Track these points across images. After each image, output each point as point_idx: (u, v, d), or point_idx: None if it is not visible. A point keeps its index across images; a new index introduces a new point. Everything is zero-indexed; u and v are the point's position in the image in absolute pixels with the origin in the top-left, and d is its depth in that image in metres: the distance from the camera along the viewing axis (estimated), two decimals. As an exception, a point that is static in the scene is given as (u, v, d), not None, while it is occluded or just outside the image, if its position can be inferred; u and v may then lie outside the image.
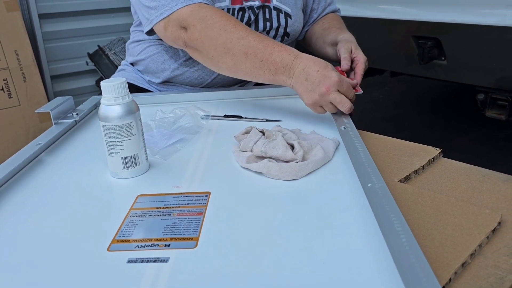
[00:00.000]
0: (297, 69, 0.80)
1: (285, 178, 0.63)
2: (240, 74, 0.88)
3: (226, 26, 0.84)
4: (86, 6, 2.45)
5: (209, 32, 0.85)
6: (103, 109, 0.63)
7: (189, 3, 0.87)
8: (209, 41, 0.85)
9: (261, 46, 0.82)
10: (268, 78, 0.84)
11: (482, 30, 1.45)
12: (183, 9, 0.87)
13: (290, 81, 0.81)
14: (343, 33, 1.05)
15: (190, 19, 0.86)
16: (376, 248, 0.47)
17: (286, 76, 0.81)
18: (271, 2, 1.06)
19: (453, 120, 2.52)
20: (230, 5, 0.99)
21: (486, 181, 0.65)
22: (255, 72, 0.84)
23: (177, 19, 0.88)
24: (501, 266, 0.48)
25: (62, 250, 0.51)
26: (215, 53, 0.86)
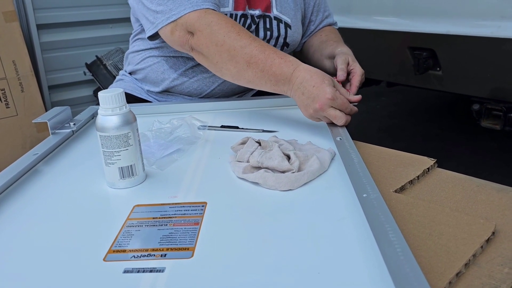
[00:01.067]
0: (295, 82, 0.81)
1: (281, 189, 0.63)
2: (243, 82, 0.89)
3: (230, 33, 0.86)
4: (84, 16, 2.47)
5: (214, 38, 0.86)
6: (100, 120, 0.64)
7: (196, 8, 0.88)
8: (214, 47, 0.87)
9: (262, 57, 0.84)
10: (270, 88, 0.86)
11: (477, 41, 1.47)
12: (190, 14, 0.88)
13: (290, 92, 0.83)
14: (340, 47, 1.07)
15: (197, 24, 0.88)
16: (371, 258, 0.47)
17: (287, 88, 0.83)
18: (272, 12, 1.07)
19: (448, 130, 2.53)
20: (233, 10, 1.01)
21: (481, 191, 0.65)
22: (257, 81, 0.86)
23: (185, 24, 0.89)
24: (495, 276, 0.48)
25: (58, 260, 0.51)
26: (220, 59, 0.87)
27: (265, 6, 1.05)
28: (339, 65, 0.98)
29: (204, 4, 0.89)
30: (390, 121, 2.78)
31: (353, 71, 0.98)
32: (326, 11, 1.22)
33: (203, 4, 0.89)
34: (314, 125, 0.89)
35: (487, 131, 1.71)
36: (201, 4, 0.89)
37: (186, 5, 0.89)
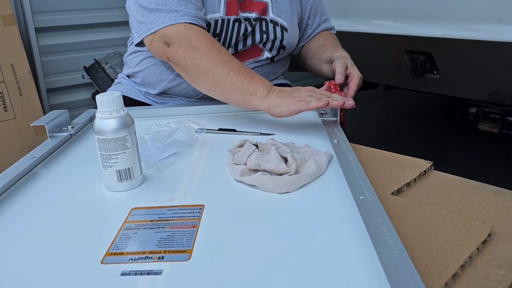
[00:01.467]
0: (274, 91, 0.87)
1: (279, 191, 0.63)
2: (217, 93, 0.91)
3: (211, 50, 0.89)
4: (83, 20, 2.47)
5: (192, 53, 0.90)
6: (98, 123, 0.64)
7: (174, 22, 0.91)
8: (192, 60, 0.90)
9: (243, 72, 0.88)
10: (244, 99, 0.87)
11: (474, 45, 1.48)
12: (168, 28, 0.91)
13: (268, 101, 0.85)
14: (339, 51, 1.08)
15: (175, 39, 0.90)
16: (367, 260, 0.47)
17: (264, 97, 0.86)
18: (268, 15, 1.08)
19: (446, 133, 2.54)
20: (225, 15, 1.01)
21: (477, 194, 0.66)
22: (232, 93, 0.88)
23: (162, 36, 0.92)
24: (492, 278, 0.48)
25: (56, 262, 0.51)
26: (196, 72, 0.91)
27: (261, 9, 1.06)
28: (338, 68, 0.99)
29: (182, 19, 0.91)
30: (388, 124, 2.78)
31: (351, 75, 0.99)
32: (323, 15, 1.23)
33: (181, 18, 0.91)
34: (312, 128, 0.89)
35: (485, 134, 1.71)
36: (179, 18, 0.91)
37: (165, 19, 0.91)
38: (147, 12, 0.94)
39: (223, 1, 1.01)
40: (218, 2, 1.01)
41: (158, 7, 0.92)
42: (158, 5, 0.92)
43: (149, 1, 0.93)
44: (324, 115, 0.93)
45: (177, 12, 0.91)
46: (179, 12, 0.91)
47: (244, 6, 1.05)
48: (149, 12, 0.94)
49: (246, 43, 1.06)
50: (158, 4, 0.92)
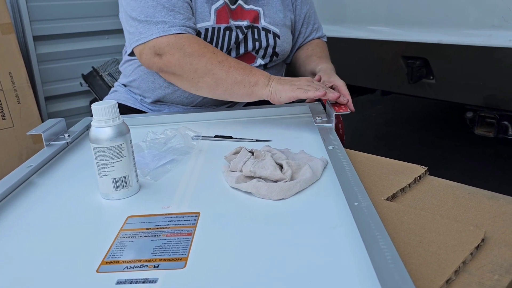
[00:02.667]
0: (274, 79, 0.91)
1: (274, 198, 0.64)
2: (219, 91, 0.94)
3: (205, 53, 0.92)
4: (80, 28, 2.48)
5: (188, 59, 0.92)
6: (94, 131, 0.64)
7: (164, 34, 0.92)
8: (189, 66, 0.92)
9: (241, 66, 0.92)
10: (247, 91, 0.92)
11: (469, 50, 1.49)
12: (159, 39, 0.93)
13: (269, 88, 0.89)
14: (322, 63, 1.09)
15: (167, 49, 0.92)
16: (361, 266, 0.47)
17: (265, 85, 0.90)
18: (260, 23, 1.09)
19: (443, 137, 2.55)
20: (215, 24, 1.02)
21: (472, 199, 0.66)
22: (235, 88, 0.92)
23: (153, 47, 0.94)
24: (486, 283, 0.48)
25: (51, 271, 0.51)
26: (195, 75, 0.93)
27: (253, 17, 1.07)
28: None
29: (171, 30, 0.93)
30: (386, 129, 2.79)
31: (335, 84, 0.98)
32: (316, 23, 1.24)
33: (170, 29, 0.93)
34: (307, 134, 0.90)
35: (482, 138, 1.72)
36: (167, 30, 0.93)
37: (154, 30, 0.93)
38: (136, 23, 0.95)
39: (213, 10, 1.02)
40: (208, 10, 1.02)
41: (147, 19, 0.94)
42: (147, 17, 0.94)
43: (138, 12, 0.95)
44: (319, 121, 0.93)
45: (166, 23, 0.93)
46: (167, 23, 0.93)
47: (236, 14, 1.06)
48: (138, 23, 0.95)
49: (239, 51, 1.07)
50: (146, 15, 0.94)
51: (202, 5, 1.01)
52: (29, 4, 2.29)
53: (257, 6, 1.09)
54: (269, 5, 1.11)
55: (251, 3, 1.09)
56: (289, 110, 1.04)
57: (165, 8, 0.93)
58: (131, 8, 0.96)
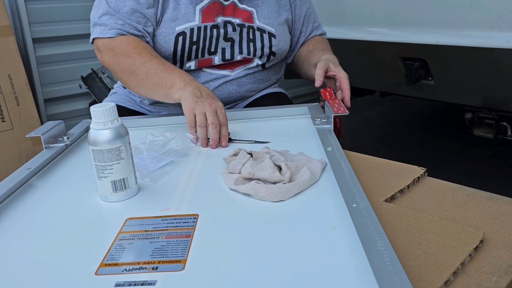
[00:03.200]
0: (191, 85, 0.92)
1: (273, 199, 0.64)
2: (143, 91, 1.01)
3: (131, 54, 0.97)
4: (80, 30, 2.48)
5: (116, 59, 0.99)
6: (93, 134, 0.64)
7: (101, 36, 1.00)
8: (117, 66, 1.00)
9: (162, 68, 0.95)
10: (164, 93, 0.94)
11: (467, 51, 1.49)
12: (98, 40, 1.02)
13: (181, 93, 0.90)
14: (325, 55, 1.09)
15: (102, 48, 1.02)
16: (360, 268, 0.47)
17: (179, 89, 0.92)
18: (255, 22, 1.09)
19: (442, 138, 2.55)
20: (201, 23, 1.03)
21: (471, 200, 0.66)
22: (154, 89, 0.96)
23: (95, 45, 1.04)
24: (484, 284, 0.48)
25: (50, 273, 0.51)
26: (123, 75, 1.00)
27: (246, 17, 1.07)
28: (316, 71, 1.02)
29: (108, 33, 1.00)
30: (385, 130, 2.79)
31: (338, 76, 1.00)
32: (316, 22, 1.24)
33: (106, 32, 1.00)
34: (306, 136, 0.90)
35: (482, 139, 1.72)
36: (105, 32, 1.00)
37: (96, 31, 1.02)
38: (91, 23, 1.04)
39: (198, 10, 1.03)
40: (193, 11, 1.03)
41: (95, 20, 1.02)
42: (94, 17, 1.02)
43: (94, 12, 1.03)
44: (318, 123, 0.93)
45: (105, 26, 1.00)
46: (107, 26, 1.00)
47: (228, 10, 1.07)
48: (91, 23, 1.04)
49: (234, 51, 1.07)
50: (94, 15, 1.03)
51: (186, 6, 1.03)
52: (28, 6, 2.29)
53: (251, 7, 1.09)
54: (264, 5, 1.11)
55: (245, 3, 1.09)
56: (288, 111, 1.04)
57: (109, 13, 1.00)
58: (93, 7, 1.04)
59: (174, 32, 1.01)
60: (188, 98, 0.89)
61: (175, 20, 1.02)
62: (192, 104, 0.87)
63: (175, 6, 1.02)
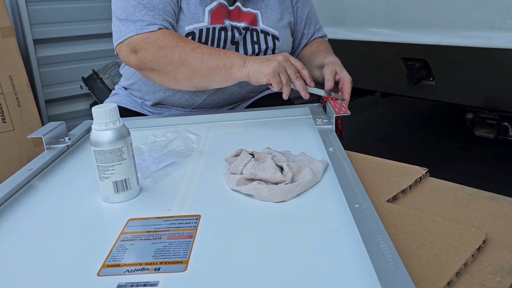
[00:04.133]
0: (250, 59, 0.91)
1: (275, 200, 0.64)
2: (198, 79, 0.95)
3: (178, 43, 0.93)
4: (81, 31, 2.48)
5: (162, 52, 0.93)
6: (94, 134, 0.64)
7: (140, 32, 0.95)
8: (164, 58, 0.93)
9: (215, 50, 0.94)
10: (224, 75, 0.92)
11: (468, 52, 1.49)
12: (134, 37, 0.95)
13: (246, 69, 0.89)
14: (329, 57, 1.09)
15: (142, 44, 0.94)
16: (362, 268, 0.47)
17: (242, 66, 0.91)
18: (258, 25, 1.09)
19: (443, 139, 2.54)
20: (209, 25, 1.03)
21: (473, 200, 0.66)
22: (212, 73, 0.92)
23: (129, 44, 0.96)
24: (487, 285, 0.48)
25: (52, 275, 0.51)
26: (172, 67, 0.94)
27: (250, 20, 1.07)
28: (326, 75, 1.02)
29: (148, 28, 0.95)
30: (386, 130, 2.79)
31: (342, 78, 1.01)
32: (317, 24, 1.24)
33: (147, 28, 0.95)
34: (307, 136, 0.90)
35: (483, 139, 1.72)
36: (145, 27, 0.95)
37: (132, 28, 0.95)
38: (118, 22, 0.98)
39: (207, 11, 1.03)
40: (202, 12, 1.03)
41: (127, 17, 0.96)
42: (127, 15, 0.96)
43: (121, 11, 0.97)
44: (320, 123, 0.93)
45: (144, 21, 0.95)
46: (145, 21, 0.95)
47: (233, 15, 1.07)
48: (119, 22, 0.98)
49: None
50: (127, 14, 0.96)
51: (195, 6, 1.02)
52: (29, 7, 2.29)
53: (255, 9, 1.09)
54: (267, 8, 1.11)
55: (249, 6, 1.09)
56: (289, 112, 1.04)
57: (145, 8, 0.96)
58: (116, 7, 0.99)
59: (183, 31, 1.01)
60: (263, 67, 0.88)
61: (185, 19, 1.02)
62: (271, 68, 0.87)
63: (186, 5, 1.02)
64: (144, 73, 1.00)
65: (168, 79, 0.97)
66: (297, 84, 0.89)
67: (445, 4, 1.53)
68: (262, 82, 0.89)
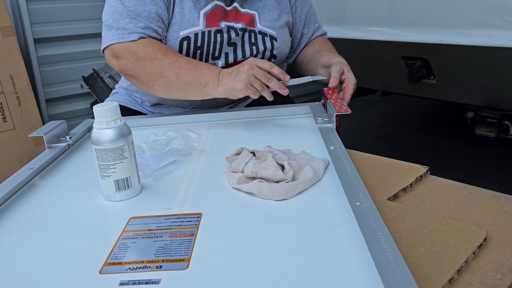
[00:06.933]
0: (223, 75, 0.92)
1: (276, 198, 0.64)
2: (174, 93, 0.97)
3: (157, 56, 0.94)
4: (81, 30, 2.48)
5: (140, 63, 0.95)
6: (96, 133, 0.65)
7: (121, 40, 0.96)
8: (142, 69, 0.95)
9: (191, 67, 0.94)
10: (200, 91, 0.94)
11: (469, 50, 1.49)
12: (115, 44, 0.97)
13: (221, 88, 0.91)
14: (337, 57, 1.10)
15: (122, 53, 0.96)
16: (364, 266, 0.47)
17: (216, 85, 0.92)
18: (256, 26, 1.09)
19: (444, 138, 2.54)
20: (205, 28, 1.03)
21: (473, 198, 0.66)
22: (187, 89, 0.94)
23: (111, 51, 0.98)
24: (488, 282, 0.48)
25: (54, 273, 0.51)
26: (149, 78, 0.96)
27: (248, 21, 1.07)
28: (333, 73, 1.01)
29: (129, 37, 0.96)
30: (386, 129, 2.79)
31: (347, 80, 1.00)
32: (316, 22, 1.24)
33: (128, 36, 0.96)
34: (308, 135, 0.90)
35: (483, 138, 1.72)
36: (126, 36, 0.96)
37: (114, 36, 0.97)
38: (104, 27, 1.00)
39: (202, 15, 1.03)
40: (197, 16, 1.02)
41: (112, 24, 0.98)
42: (113, 22, 0.98)
43: (107, 17, 0.99)
44: (320, 122, 0.93)
45: (125, 30, 0.96)
46: (127, 29, 0.96)
47: (231, 16, 1.07)
48: (105, 27, 1.00)
49: (237, 55, 1.07)
50: (113, 20, 0.98)
51: (190, 11, 1.02)
52: (29, 6, 2.29)
53: (253, 10, 1.09)
54: (265, 8, 1.11)
55: (247, 6, 1.09)
56: (290, 110, 1.04)
57: (129, 16, 0.97)
58: (105, 11, 1.00)
59: (178, 36, 1.01)
60: (234, 83, 0.88)
61: (179, 24, 1.02)
62: (242, 83, 0.87)
63: (179, 10, 1.02)
64: (126, 77, 1.03)
65: (146, 87, 1.00)
66: (271, 86, 0.89)
67: (445, 2, 1.53)
68: (240, 96, 0.90)
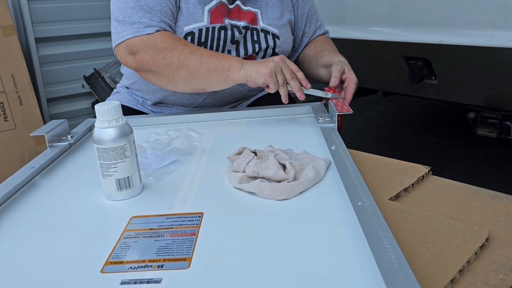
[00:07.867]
0: (248, 62, 0.92)
1: (277, 198, 0.64)
2: (195, 81, 0.95)
3: (177, 46, 0.93)
4: (82, 30, 2.49)
5: (161, 54, 0.93)
6: (97, 132, 0.65)
7: (138, 34, 0.95)
8: (162, 61, 0.94)
9: (213, 53, 0.94)
10: (222, 77, 0.93)
11: (470, 51, 1.49)
12: (132, 39, 0.95)
13: (243, 71, 0.90)
14: (338, 56, 1.09)
15: (140, 47, 0.94)
16: (366, 266, 0.47)
17: (239, 68, 0.91)
18: (258, 24, 1.09)
19: (445, 138, 2.54)
20: (209, 24, 1.03)
21: (475, 198, 0.66)
22: (209, 75, 0.93)
23: (127, 46, 0.96)
24: (490, 282, 0.48)
25: (55, 272, 0.51)
26: (170, 69, 0.94)
27: (250, 19, 1.07)
28: (334, 72, 1.01)
29: (146, 30, 0.95)
30: (387, 129, 2.79)
31: (348, 79, 1.00)
32: (318, 21, 1.24)
33: (144, 30, 0.95)
34: (310, 134, 0.90)
35: (484, 138, 1.72)
36: (142, 30, 0.95)
37: (130, 30, 0.95)
38: (116, 23, 0.98)
39: (206, 10, 1.03)
40: (201, 11, 1.02)
41: (124, 19, 0.96)
42: (125, 17, 0.96)
43: (118, 13, 0.98)
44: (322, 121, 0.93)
45: (141, 23, 0.95)
46: (142, 23, 0.95)
47: (233, 14, 1.07)
48: (117, 23, 0.98)
49: (239, 52, 1.07)
50: (125, 15, 0.96)
51: (195, 6, 1.02)
52: (31, 6, 2.30)
53: (255, 8, 1.09)
54: (267, 6, 1.11)
55: (249, 4, 1.09)
56: (291, 110, 1.04)
57: (142, 10, 0.96)
58: (114, 8, 0.99)
59: (182, 31, 1.01)
60: (260, 68, 0.89)
61: (184, 19, 1.02)
62: (268, 69, 0.88)
63: (185, 5, 1.02)
64: (141, 74, 1.01)
65: (165, 81, 0.97)
66: (292, 85, 0.90)
67: (447, 3, 1.53)
68: (259, 83, 0.89)
